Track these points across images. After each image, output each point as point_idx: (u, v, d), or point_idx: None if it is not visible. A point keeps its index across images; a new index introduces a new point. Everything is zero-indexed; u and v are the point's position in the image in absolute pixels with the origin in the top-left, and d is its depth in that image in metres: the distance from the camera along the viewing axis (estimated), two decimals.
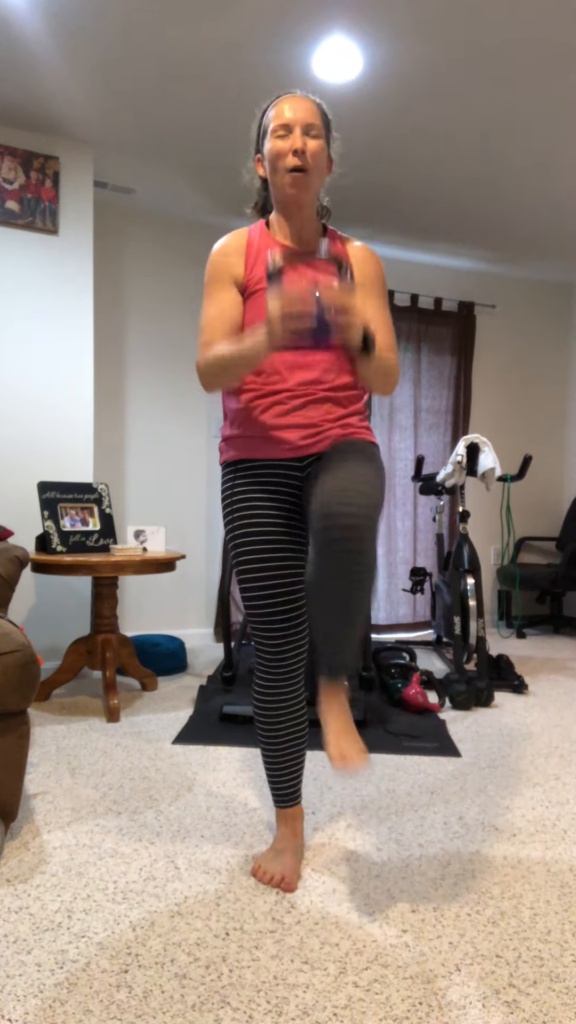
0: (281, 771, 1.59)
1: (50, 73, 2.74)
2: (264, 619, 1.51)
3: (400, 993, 1.19)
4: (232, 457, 1.52)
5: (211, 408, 4.21)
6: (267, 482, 1.48)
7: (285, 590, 1.49)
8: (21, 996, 1.17)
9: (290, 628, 1.52)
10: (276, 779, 1.60)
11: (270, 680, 1.55)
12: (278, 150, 1.43)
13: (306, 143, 1.42)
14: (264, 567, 1.48)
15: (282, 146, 1.42)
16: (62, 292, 3.23)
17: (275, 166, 1.44)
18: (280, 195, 1.47)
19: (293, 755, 1.59)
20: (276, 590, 1.49)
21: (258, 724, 1.59)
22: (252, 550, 1.48)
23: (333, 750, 1.35)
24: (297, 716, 1.58)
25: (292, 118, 1.42)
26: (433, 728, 2.58)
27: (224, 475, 1.55)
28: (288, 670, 1.55)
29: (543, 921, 1.40)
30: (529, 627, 4.91)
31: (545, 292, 5.15)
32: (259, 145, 1.51)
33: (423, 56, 2.60)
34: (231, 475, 1.52)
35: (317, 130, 1.44)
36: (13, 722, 1.65)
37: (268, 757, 1.59)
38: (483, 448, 3.25)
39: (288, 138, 1.42)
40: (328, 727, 1.40)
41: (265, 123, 1.48)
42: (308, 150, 1.42)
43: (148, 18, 2.42)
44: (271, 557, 1.48)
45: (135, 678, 3.04)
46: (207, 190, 3.72)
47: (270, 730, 1.57)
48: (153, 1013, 1.13)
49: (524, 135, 3.11)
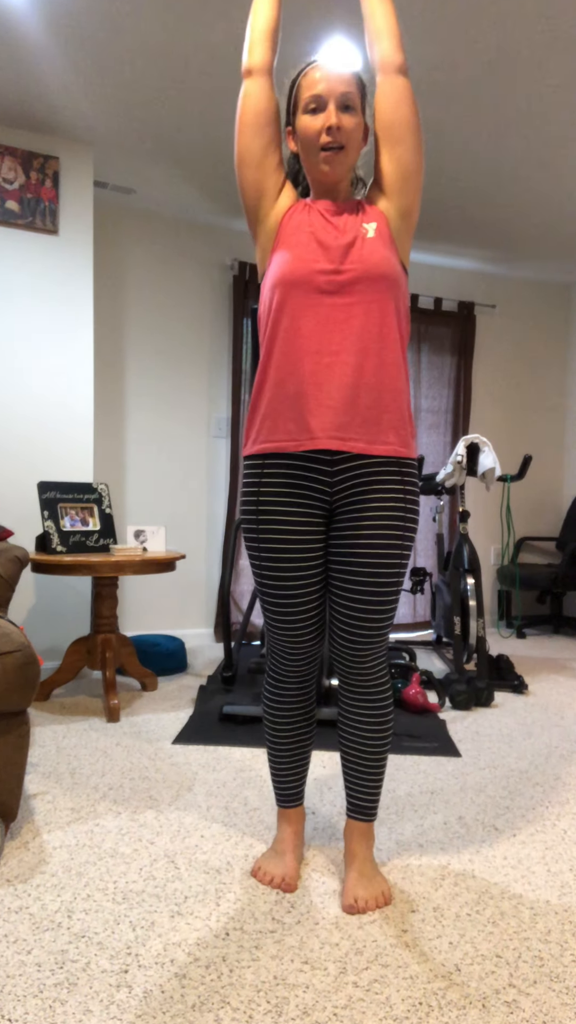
0: (286, 771, 1.58)
1: (50, 73, 2.74)
2: (283, 619, 1.47)
3: (400, 993, 1.19)
4: None
5: (211, 408, 4.21)
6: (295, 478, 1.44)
7: (309, 590, 1.46)
8: (21, 996, 1.17)
9: (309, 628, 1.49)
10: (281, 779, 1.59)
11: (285, 681, 1.53)
12: (310, 127, 1.35)
13: (340, 119, 1.34)
14: (289, 569, 1.44)
15: (314, 123, 1.35)
16: (62, 292, 3.23)
17: (308, 144, 1.37)
18: (314, 173, 1.41)
19: (299, 755, 1.59)
20: (302, 591, 1.45)
21: (266, 723, 1.58)
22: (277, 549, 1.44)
23: (348, 896, 1.45)
24: (307, 717, 1.57)
25: (326, 91, 1.34)
26: (433, 728, 2.58)
27: None
28: (304, 672, 1.53)
29: (543, 921, 1.40)
30: (529, 627, 4.91)
31: (545, 292, 5.15)
32: (290, 118, 1.43)
33: (423, 56, 2.60)
34: None
35: (352, 101, 1.35)
36: (13, 722, 1.65)
37: (274, 756, 1.59)
38: (483, 448, 3.25)
39: (320, 114, 1.35)
40: (349, 869, 1.50)
41: (296, 95, 1.39)
42: (343, 126, 1.34)
43: (148, 18, 2.42)
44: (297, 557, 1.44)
45: (135, 678, 3.04)
46: (207, 190, 3.72)
47: (278, 730, 1.56)
48: (153, 1013, 1.13)
49: (524, 135, 3.11)
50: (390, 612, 1.43)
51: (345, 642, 1.44)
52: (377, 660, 1.46)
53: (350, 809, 1.51)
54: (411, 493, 1.42)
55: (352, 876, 1.47)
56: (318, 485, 1.39)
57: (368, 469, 1.38)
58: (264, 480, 1.42)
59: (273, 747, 1.58)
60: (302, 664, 1.51)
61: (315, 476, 1.39)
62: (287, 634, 1.48)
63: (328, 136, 1.35)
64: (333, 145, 1.36)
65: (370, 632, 1.42)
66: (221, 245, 4.21)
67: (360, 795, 1.49)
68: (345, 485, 1.39)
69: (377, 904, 1.43)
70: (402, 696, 2.81)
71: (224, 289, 4.23)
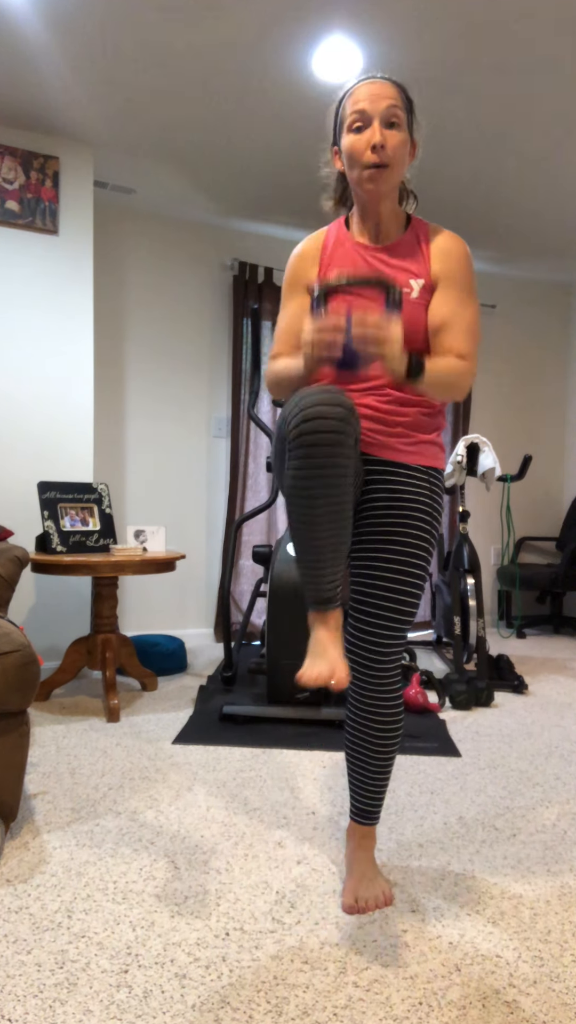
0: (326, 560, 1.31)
1: (50, 73, 2.74)
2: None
3: (400, 993, 1.19)
4: None
5: (211, 408, 4.21)
6: None
7: None
8: (21, 996, 1.17)
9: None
10: (318, 574, 1.32)
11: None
12: (355, 146, 1.34)
13: (386, 137, 1.33)
14: None
15: (359, 141, 1.34)
16: (62, 292, 3.23)
17: (353, 162, 1.36)
18: (359, 191, 1.39)
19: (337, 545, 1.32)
20: None
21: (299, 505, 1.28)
22: None
23: (348, 896, 1.44)
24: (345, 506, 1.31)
25: (371, 108, 1.33)
26: (433, 728, 2.58)
27: None
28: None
29: (543, 921, 1.40)
30: (529, 627, 4.91)
31: (545, 292, 5.15)
32: (336, 137, 1.42)
33: (423, 56, 2.60)
34: None
35: (399, 118, 1.34)
36: (13, 722, 1.65)
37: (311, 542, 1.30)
38: (483, 448, 3.25)
39: (365, 132, 1.34)
40: (350, 870, 1.48)
41: (342, 114, 1.39)
42: (388, 144, 1.33)
43: (148, 18, 2.42)
44: None
45: (135, 678, 3.04)
46: (207, 190, 3.72)
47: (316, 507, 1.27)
48: (153, 1013, 1.13)
49: (524, 135, 3.11)
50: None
51: (364, 642, 1.42)
52: (393, 663, 1.44)
53: (354, 812, 1.51)
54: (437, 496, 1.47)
55: (353, 876, 1.47)
56: None
57: (397, 470, 1.43)
58: None
59: (309, 531, 1.28)
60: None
61: None
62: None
63: (373, 154, 1.33)
64: (379, 163, 1.34)
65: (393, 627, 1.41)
66: (221, 245, 4.21)
67: (365, 800, 1.49)
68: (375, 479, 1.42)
69: (378, 904, 1.43)
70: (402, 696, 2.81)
71: (224, 289, 4.23)
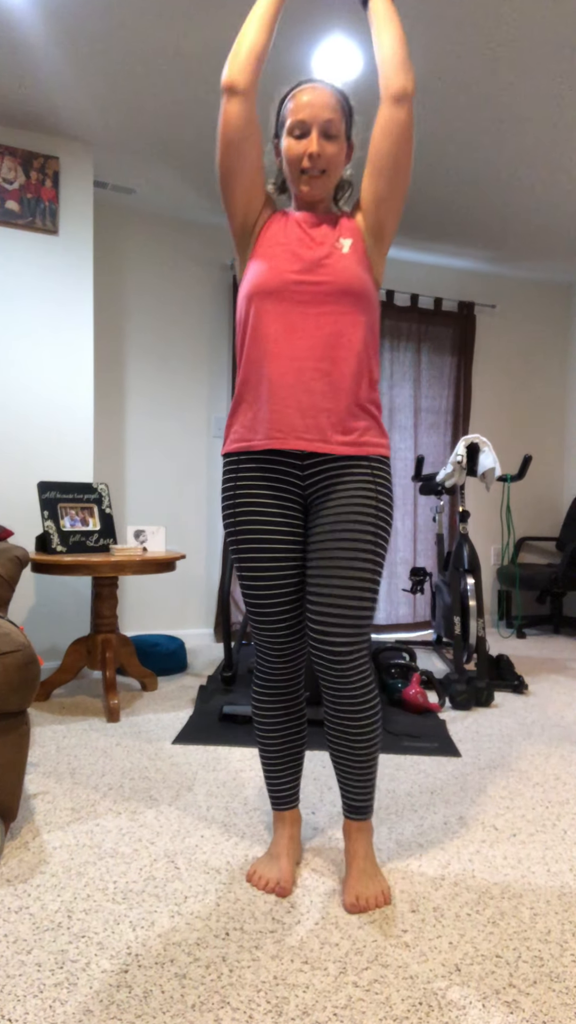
0: (279, 773, 1.58)
1: (50, 73, 2.74)
2: (266, 617, 1.50)
3: (400, 993, 1.19)
4: None
5: (211, 408, 4.21)
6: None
7: (287, 588, 1.48)
8: (21, 996, 1.17)
9: (292, 628, 1.51)
10: (274, 781, 1.59)
11: (271, 680, 1.55)
12: (294, 151, 1.42)
13: (323, 147, 1.40)
14: (266, 564, 1.47)
15: (297, 149, 1.41)
16: (62, 292, 3.23)
17: (291, 165, 1.44)
18: (295, 190, 1.48)
19: (292, 756, 1.59)
20: (278, 588, 1.48)
21: (256, 724, 1.59)
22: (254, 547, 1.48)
23: (348, 895, 1.45)
24: (297, 717, 1.58)
25: (310, 118, 1.39)
26: (433, 728, 2.58)
27: None
28: (289, 669, 1.54)
29: (543, 921, 1.40)
30: (529, 627, 4.91)
31: (545, 292, 5.15)
32: (277, 129, 1.49)
33: (423, 56, 2.60)
34: None
35: (336, 127, 1.41)
36: (13, 722, 1.65)
37: (266, 758, 1.59)
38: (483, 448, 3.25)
39: (303, 140, 1.41)
40: (350, 867, 1.49)
41: (283, 114, 1.45)
42: (324, 154, 1.41)
43: (148, 18, 2.42)
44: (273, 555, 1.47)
45: (135, 678, 3.04)
46: (207, 190, 3.72)
47: (269, 730, 1.57)
48: (153, 1013, 1.13)
49: (524, 135, 3.11)
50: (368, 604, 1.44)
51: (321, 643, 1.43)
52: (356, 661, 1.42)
53: (345, 808, 1.52)
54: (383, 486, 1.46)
55: (353, 874, 1.47)
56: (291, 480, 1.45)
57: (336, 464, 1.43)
58: (240, 477, 1.47)
59: (264, 748, 1.59)
60: (286, 661, 1.53)
61: (288, 472, 1.44)
62: (267, 629, 1.50)
63: (309, 163, 1.41)
64: (313, 171, 1.42)
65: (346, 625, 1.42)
66: (221, 245, 4.21)
67: (352, 794, 1.50)
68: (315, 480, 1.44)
69: (377, 903, 1.43)
70: (402, 696, 2.81)
71: (224, 289, 4.23)
